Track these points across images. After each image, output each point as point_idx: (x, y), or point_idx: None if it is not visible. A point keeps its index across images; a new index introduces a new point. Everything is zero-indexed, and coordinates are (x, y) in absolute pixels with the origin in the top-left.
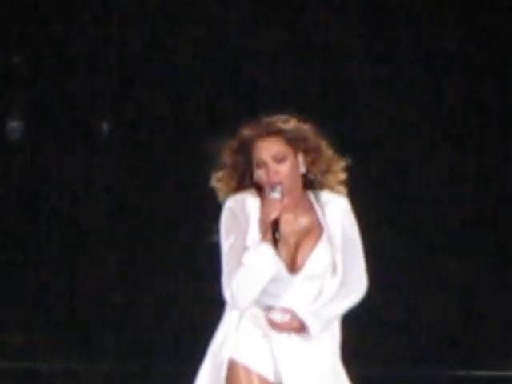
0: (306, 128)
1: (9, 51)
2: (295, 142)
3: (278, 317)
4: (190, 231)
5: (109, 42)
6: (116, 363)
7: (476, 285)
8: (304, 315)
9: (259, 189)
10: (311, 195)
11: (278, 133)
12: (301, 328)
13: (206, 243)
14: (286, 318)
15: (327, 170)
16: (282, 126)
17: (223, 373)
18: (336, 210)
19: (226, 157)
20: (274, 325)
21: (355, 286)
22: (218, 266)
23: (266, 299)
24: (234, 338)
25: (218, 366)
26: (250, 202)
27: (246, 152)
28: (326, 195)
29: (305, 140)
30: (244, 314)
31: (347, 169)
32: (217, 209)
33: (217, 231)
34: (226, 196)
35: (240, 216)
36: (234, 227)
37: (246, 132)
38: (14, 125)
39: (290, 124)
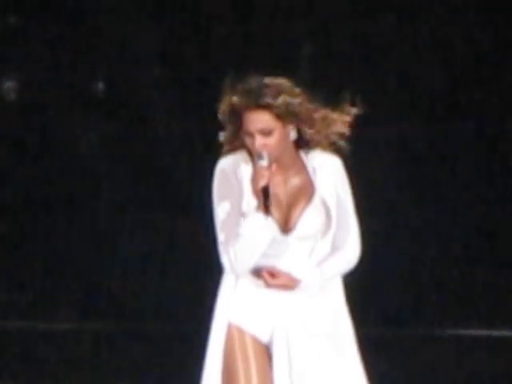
0: (297, 102)
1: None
2: (285, 116)
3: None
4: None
5: None
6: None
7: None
8: (298, 272)
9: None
10: (303, 155)
11: (266, 107)
12: (294, 282)
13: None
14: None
15: (325, 131)
16: (271, 101)
17: (223, 336)
18: (328, 170)
19: (221, 112)
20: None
21: (348, 252)
22: None
23: (261, 260)
24: (230, 301)
25: (219, 330)
26: (242, 167)
27: (236, 117)
28: (318, 155)
29: (295, 115)
30: (241, 277)
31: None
32: None
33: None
34: (224, 150)
35: (232, 179)
36: (227, 192)
37: (235, 99)
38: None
39: (280, 99)
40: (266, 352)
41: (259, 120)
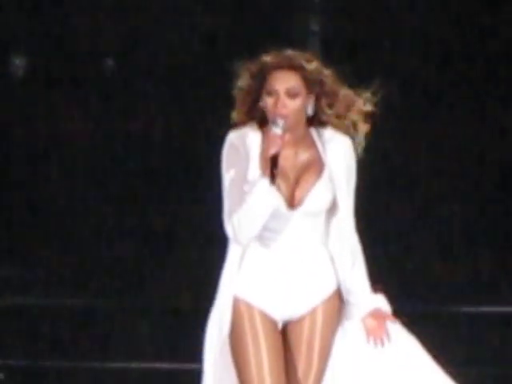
0: (327, 73)
1: None
2: (312, 83)
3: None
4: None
5: None
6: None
7: None
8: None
9: (262, 123)
10: (314, 132)
11: (298, 68)
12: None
13: None
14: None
15: (347, 111)
16: (304, 63)
17: (228, 311)
18: (338, 149)
19: (243, 79)
20: (372, 332)
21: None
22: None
23: (266, 234)
24: (237, 276)
25: (225, 305)
26: (251, 137)
27: (262, 78)
28: (329, 133)
29: (322, 84)
30: (247, 251)
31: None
32: None
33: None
34: (236, 117)
35: (241, 150)
36: (234, 162)
37: (268, 59)
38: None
39: (313, 64)
40: (276, 327)
41: (289, 79)
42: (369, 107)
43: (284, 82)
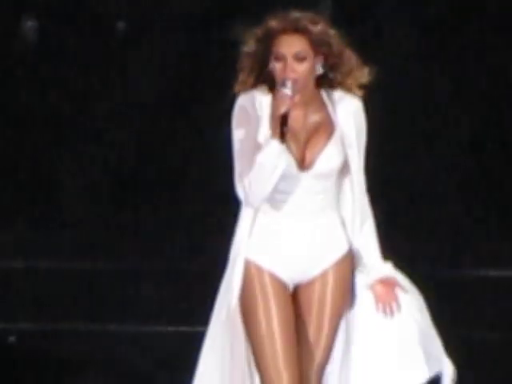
0: (333, 33)
1: None
2: (318, 45)
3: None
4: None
5: None
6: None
7: None
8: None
9: (271, 86)
10: (324, 94)
11: (304, 32)
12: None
13: None
14: None
15: (348, 74)
16: (309, 26)
17: (239, 274)
18: (348, 109)
19: (249, 45)
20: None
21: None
22: None
23: (277, 196)
24: (248, 239)
25: (236, 268)
26: (260, 99)
27: (268, 42)
28: (339, 94)
29: (329, 45)
30: (258, 214)
31: (369, 75)
32: None
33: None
34: (241, 88)
35: (251, 112)
36: (244, 124)
37: (273, 23)
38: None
39: (318, 26)
40: (286, 289)
41: (295, 43)
42: (364, 79)
43: (291, 46)
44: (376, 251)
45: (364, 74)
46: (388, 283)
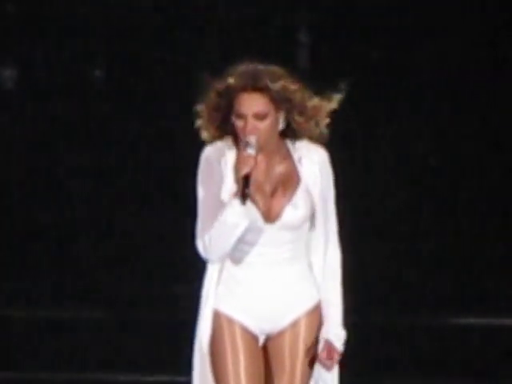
0: (293, 88)
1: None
2: (279, 101)
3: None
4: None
5: None
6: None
7: None
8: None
9: (235, 137)
10: (289, 144)
11: (264, 89)
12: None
13: None
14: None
15: (311, 118)
16: (269, 83)
17: (208, 325)
18: (314, 161)
19: (210, 97)
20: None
21: (333, 259)
22: None
23: (245, 248)
24: (216, 290)
25: (206, 319)
26: (227, 153)
27: (229, 98)
28: (304, 145)
29: (290, 101)
30: (225, 264)
31: (335, 112)
32: None
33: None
34: (207, 136)
35: (216, 167)
36: (208, 178)
37: (232, 81)
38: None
39: (278, 83)
40: (256, 342)
41: (255, 103)
42: (334, 105)
43: (251, 105)
44: (338, 307)
45: (330, 104)
46: (330, 351)
